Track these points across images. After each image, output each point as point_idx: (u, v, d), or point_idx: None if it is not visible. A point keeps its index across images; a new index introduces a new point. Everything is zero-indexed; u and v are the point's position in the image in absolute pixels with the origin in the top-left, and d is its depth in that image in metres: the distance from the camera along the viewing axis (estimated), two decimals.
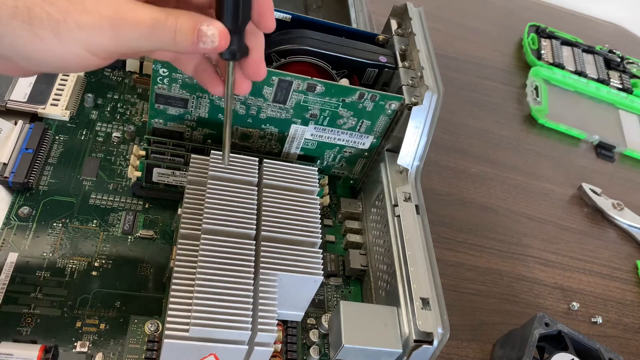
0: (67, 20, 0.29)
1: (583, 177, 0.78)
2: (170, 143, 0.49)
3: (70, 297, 0.44)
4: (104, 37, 0.30)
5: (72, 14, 0.29)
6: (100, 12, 0.29)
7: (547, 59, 0.92)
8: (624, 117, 0.90)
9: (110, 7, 0.30)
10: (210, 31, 0.31)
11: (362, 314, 0.43)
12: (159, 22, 0.31)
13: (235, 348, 0.38)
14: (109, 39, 0.30)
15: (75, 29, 0.29)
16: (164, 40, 0.31)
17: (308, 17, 0.52)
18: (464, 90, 0.84)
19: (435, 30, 0.66)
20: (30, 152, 0.49)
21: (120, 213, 0.50)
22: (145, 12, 0.31)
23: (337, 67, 0.51)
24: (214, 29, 0.31)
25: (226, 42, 0.32)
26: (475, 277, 0.61)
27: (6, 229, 0.46)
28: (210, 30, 0.31)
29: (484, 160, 0.75)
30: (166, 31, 0.31)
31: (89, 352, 0.41)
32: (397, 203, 0.48)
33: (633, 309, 0.65)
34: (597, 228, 0.73)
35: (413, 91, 0.50)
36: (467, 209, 0.68)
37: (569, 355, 0.52)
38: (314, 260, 0.42)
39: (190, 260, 0.39)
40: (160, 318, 0.44)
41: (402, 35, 0.55)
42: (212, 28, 0.31)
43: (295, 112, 0.49)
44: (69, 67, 0.32)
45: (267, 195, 0.44)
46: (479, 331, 0.57)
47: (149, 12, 0.31)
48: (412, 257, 0.44)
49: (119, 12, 0.30)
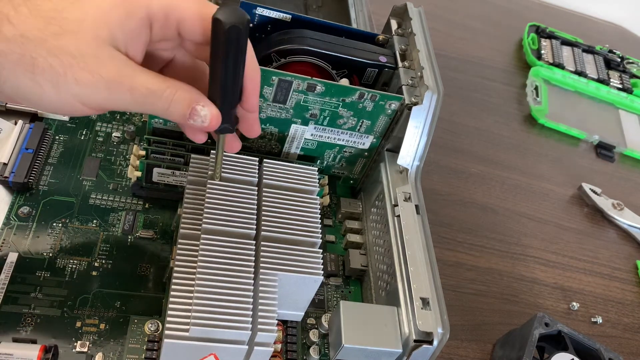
0: (67, 75, 0.30)
1: (583, 177, 0.78)
2: (170, 143, 0.49)
3: (70, 297, 0.44)
4: (98, 95, 0.32)
5: (74, 69, 0.30)
6: (100, 73, 0.31)
7: (547, 59, 0.92)
8: (624, 117, 0.90)
9: (111, 70, 0.31)
10: (203, 112, 0.34)
11: (362, 314, 0.43)
12: (153, 93, 0.32)
13: (235, 348, 0.38)
14: (103, 98, 0.32)
15: (73, 83, 0.31)
16: (156, 108, 0.33)
17: (308, 17, 0.52)
18: (464, 90, 0.84)
19: (435, 30, 0.66)
20: (30, 152, 0.49)
21: (120, 213, 0.50)
22: (143, 80, 0.32)
23: (337, 67, 0.51)
24: (207, 110, 0.34)
25: (216, 125, 0.35)
26: (475, 277, 0.61)
27: (6, 228, 0.46)
28: (204, 111, 0.33)
29: (484, 160, 0.75)
30: (160, 101, 0.33)
31: (89, 352, 0.41)
32: (397, 203, 0.48)
33: (633, 309, 0.65)
34: (597, 228, 0.73)
35: (413, 91, 0.50)
36: (467, 209, 0.68)
37: (569, 355, 0.52)
38: (314, 260, 0.42)
39: (190, 260, 0.39)
40: (160, 318, 0.44)
41: (402, 35, 0.55)
42: (206, 110, 0.33)
43: (295, 112, 0.49)
44: (62, 112, 0.34)
45: (267, 195, 0.44)
46: (479, 331, 0.57)
47: (147, 80, 0.32)
48: (412, 257, 0.44)
49: (118, 76, 0.31)
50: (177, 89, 0.33)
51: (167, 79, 0.33)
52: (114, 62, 0.31)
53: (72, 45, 0.30)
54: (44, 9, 0.30)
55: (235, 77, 0.35)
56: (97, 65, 0.31)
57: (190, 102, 0.33)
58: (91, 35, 0.30)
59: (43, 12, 0.30)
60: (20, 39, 0.30)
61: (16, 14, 0.30)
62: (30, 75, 0.30)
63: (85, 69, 0.31)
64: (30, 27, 0.30)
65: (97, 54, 0.31)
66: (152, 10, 0.31)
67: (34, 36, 0.30)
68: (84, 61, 0.31)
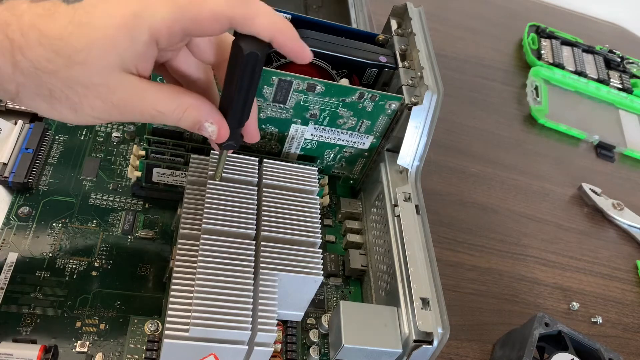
0: (82, 103, 0.32)
1: (583, 177, 0.78)
2: (170, 143, 0.49)
3: (70, 297, 0.44)
4: (112, 117, 0.34)
5: (88, 98, 0.32)
6: (111, 101, 0.32)
7: (547, 59, 0.92)
8: (624, 117, 0.90)
9: (121, 96, 0.33)
10: (210, 128, 0.35)
11: (362, 314, 0.43)
12: (162, 114, 0.34)
13: (235, 348, 0.38)
14: (117, 118, 0.34)
15: (89, 109, 0.33)
16: (167, 122, 0.35)
17: (308, 17, 0.52)
18: (464, 90, 0.84)
19: (435, 30, 0.66)
20: (30, 152, 0.49)
21: (120, 213, 0.50)
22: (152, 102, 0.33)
23: (337, 67, 0.51)
24: (214, 127, 0.35)
25: (224, 138, 0.36)
26: (475, 277, 0.61)
27: (6, 229, 0.46)
28: (211, 127, 0.35)
29: (484, 160, 0.75)
30: (170, 119, 0.34)
31: (89, 352, 0.41)
32: (397, 203, 0.48)
33: (633, 309, 0.65)
34: (597, 228, 0.73)
35: (413, 91, 0.50)
36: (467, 209, 0.68)
37: (569, 355, 0.52)
38: (314, 260, 0.42)
39: (190, 260, 0.39)
40: (160, 318, 0.44)
41: (402, 35, 0.55)
42: (214, 127, 0.35)
43: (295, 112, 0.49)
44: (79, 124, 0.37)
45: (267, 195, 0.44)
46: (479, 331, 0.57)
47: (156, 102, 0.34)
48: (412, 257, 0.44)
49: (128, 102, 0.33)
50: (185, 107, 0.34)
51: (177, 95, 0.34)
52: (124, 89, 0.32)
53: (82, 75, 0.31)
54: (52, 37, 0.30)
55: (247, 100, 0.36)
56: (107, 93, 0.32)
57: (199, 120, 0.35)
58: (100, 65, 0.31)
59: (51, 41, 0.30)
60: (34, 72, 0.31)
61: (26, 43, 0.30)
62: (49, 103, 0.32)
63: (98, 98, 0.32)
64: (41, 58, 0.30)
65: (107, 82, 0.32)
66: (155, 28, 0.31)
67: (46, 68, 0.31)
68: (96, 90, 0.32)
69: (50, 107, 0.32)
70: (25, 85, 0.31)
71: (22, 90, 0.32)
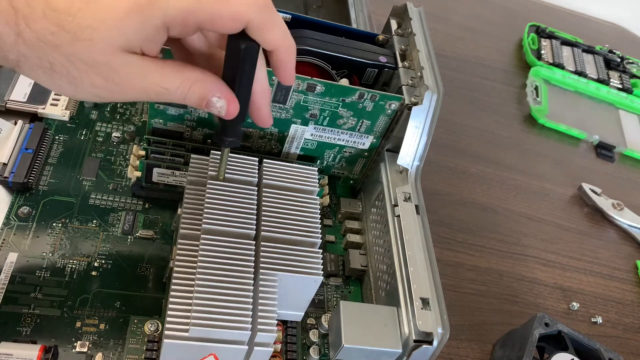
0: (82, 78, 0.32)
1: (583, 177, 0.78)
2: (170, 143, 0.49)
3: (70, 297, 0.44)
4: (113, 95, 0.33)
5: (88, 74, 0.31)
6: (112, 79, 0.32)
7: (547, 59, 0.92)
8: (624, 117, 0.90)
9: (123, 75, 0.32)
10: (219, 103, 0.34)
11: (362, 314, 0.43)
12: (167, 90, 0.33)
13: (235, 348, 0.38)
14: (118, 97, 0.33)
15: (89, 85, 0.32)
16: (173, 100, 0.34)
17: (308, 17, 0.52)
18: (464, 90, 0.84)
19: (435, 30, 0.66)
20: (30, 152, 0.49)
21: (120, 213, 0.50)
22: (156, 79, 0.33)
23: (337, 67, 0.51)
24: (223, 102, 0.34)
25: (234, 112, 0.35)
26: (475, 277, 0.61)
27: (6, 229, 0.46)
28: (220, 102, 0.34)
29: (484, 160, 0.75)
30: (175, 96, 0.33)
31: (89, 352, 0.41)
32: (397, 203, 0.48)
33: (633, 309, 0.65)
34: (597, 228, 0.73)
35: (413, 91, 0.50)
36: (467, 209, 0.68)
37: (569, 355, 0.52)
38: (313, 261, 0.42)
39: (190, 260, 0.39)
40: (160, 318, 0.44)
41: (402, 35, 0.55)
42: (222, 101, 0.34)
43: (295, 112, 0.49)
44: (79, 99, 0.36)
45: (267, 195, 0.44)
46: (479, 331, 0.57)
47: (160, 79, 0.33)
48: (412, 257, 0.44)
49: (130, 80, 0.32)
50: (191, 82, 0.33)
51: (182, 71, 0.33)
52: (127, 68, 0.32)
53: (85, 53, 0.31)
54: (58, 10, 0.30)
55: (248, 94, 0.35)
56: (109, 72, 0.32)
57: (205, 95, 0.34)
58: (104, 44, 0.31)
59: (56, 14, 0.30)
60: (37, 43, 0.30)
61: (31, 14, 0.30)
62: (49, 75, 0.32)
63: (99, 75, 0.31)
64: (45, 31, 0.30)
65: (110, 61, 0.31)
66: (169, 16, 0.31)
67: (49, 41, 0.30)
68: (97, 68, 0.31)
69: (50, 79, 0.32)
70: (26, 55, 0.31)
71: (23, 60, 0.31)
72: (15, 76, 0.54)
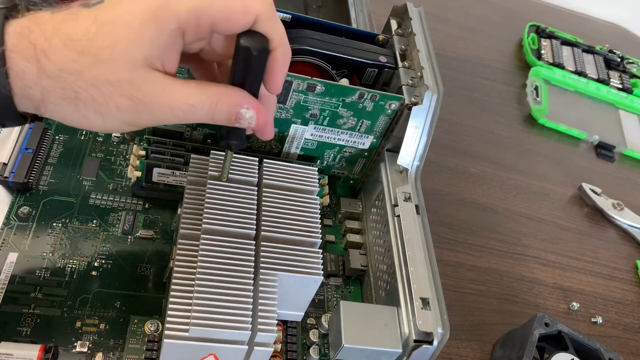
0: (108, 103, 0.31)
1: (583, 177, 0.78)
2: (170, 143, 0.49)
3: (70, 297, 0.44)
4: (141, 118, 0.33)
5: (113, 97, 0.31)
6: (137, 97, 0.32)
7: (547, 59, 0.92)
8: (624, 117, 0.90)
9: (148, 92, 0.32)
10: (248, 114, 0.34)
11: (362, 314, 0.43)
12: (194, 107, 0.33)
13: (235, 348, 0.38)
14: (146, 119, 0.33)
15: (115, 110, 0.32)
16: (201, 118, 0.34)
17: (308, 17, 0.52)
18: (464, 90, 0.84)
19: (435, 30, 0.66)
20: (30, 152, 0.49)
21: (120, 213, 0.50)
22: (181, 96, 0.33)
23: (337, 67, 0.51)
24: (252, 112, 0.34)
25: (264, 121, 0.35)
26: (475, 277, 0.61)
27: (6, 229, 0.46)
28: (249, 113, 0.34)
29: (484, 160, 0.75)
30: (203, 113, 0.33)
31: (89, 352, 0.41)
32: (397, 203, 0.48)
33: (633, 309, 0.65)
34: (597, 228, 0.73)
35: (413, 91, 0.50)
36: (467, 209, 0.68)
37: (569, 355, 0.52)
38: (314, 260, 0.42)
39: (190, 260, 0.39)
40: (160, 318, 0.44)
41: (402, 35, 0.55)
42: (251, 112, 0.34)
43: (295, 112, 0.49)
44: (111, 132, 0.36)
45: (267, 195, 0.44)
46: (479, 331, 0.57)
47: (186, 96, 0.33)
48: (412, 257, 0.44)
49: (155, 98, 0.32)
50: (218, 97, 0.33)
51: (206, 88, 0.33)
52: (150, 84, 0.32)
53: (108, 73, 0.31)
54: (76, 39, 0.30)
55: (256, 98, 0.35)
56: (133, 90, 0.31)
57: (234, 108, 0.34)
58: (124, 60, 0.31)
59: (75, 42, 0.30)
60: (59, 74, 0.30)
61: (51, 48, 0.30)
62: (74, 106, 0.32)
63: (124, 96, 0.31)
64: (67, 60, 0.30)
65: (132, 78, 0.31)
66: (182, 18, 0.31)
67: (71, 69, 0.30)
68: (121, 87, 0.31)
69: (76, 111, 0.32)
70: (49, 89, 0.31)
71: (47, 95, 0.31)
72: None
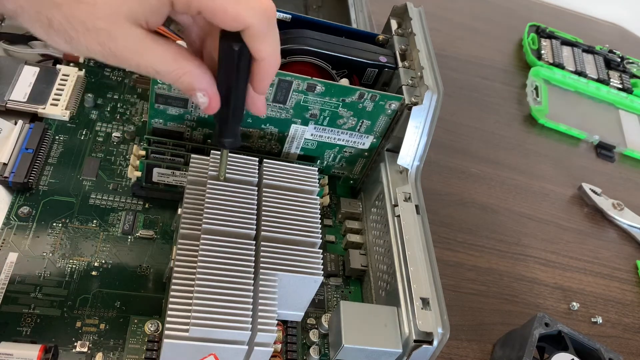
0: (79, 39, 0.31)
1: (583, 177, 0.78)
2: (170, 143, 0.49)
3: (70, 297, 0.44)
4: (107, 61, 0.33)
5: (85, 38, 0.31)
6: (110, 48, 0.31)
7: (547, 59, 0.92)
8: (624, 117, 0.90)
9: (121, 46, 0.32)
10: (201, 99, 0.35)
11: (362, 314, 0.43)
12: (159, 74, 0.33)
13: (235, 348, 0.38)
14: (112, 63, 0.33)
15: (84, 48, 0.32)
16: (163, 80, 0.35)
17: (308, 17, 0.52)
18: (464, 90, 0.84)
19: (435, 30, 0.66)
20: (30, 152, 0.49)
21: (120, 213, 0.50)
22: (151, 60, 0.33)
23: (337, 67, 0.51)
24: (205, 99, 0.35)
25: (213, 110, 0.35)
26: (475, 277, 0.61)
27: (6, 229, 0.46)
28: (202, 99, 0.35)
29: (484, 160, 0.75)
30: (166, 79, 0.34)
31: (89, 352, 0.41)
32: (397, 203, 0.48)
33: (633, 309, 0.65)
34: (597, 228, 0.73)
35: (413, 91, 0.50)
36: (467, 209, 0.68)
37: (569, 355, 0.52)
38: (314, 261, 0.42)
39: (190, 260, 0.39)
40: (160, 318, 0.44)
41: (402, 35, 0.55)
42: (204, 99, 0.35)
43: (295, 112, 0.49)
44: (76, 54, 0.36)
45: (267, 195, 0.44)
46: (479, 331, 0.57)
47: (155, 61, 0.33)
48: (412, 257, 0.44)
49: (127, 53, 0.32)
50: (183, 72, 0.33)
51: (178, 58, 0.33)
52: (127, 40, 0.31)
53: (86, 17, 0.30)
54: None
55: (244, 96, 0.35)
56: (108, 40, 0.31)
57: (192, 88, 0.34)
58: (108, 11, 0.30)
59: None
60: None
61: None
62: (45, 30, 0.31)
63: (97, 42, 0.31)
64: None
65: (111, 30, 0.31)
66: None
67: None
68: (97, 34, 0.31)
69: (46, 34, 0.31)
70: (24, 8, 0.30)
71: (21, 12, 0.31)
72: (15, 76, 0.54)
